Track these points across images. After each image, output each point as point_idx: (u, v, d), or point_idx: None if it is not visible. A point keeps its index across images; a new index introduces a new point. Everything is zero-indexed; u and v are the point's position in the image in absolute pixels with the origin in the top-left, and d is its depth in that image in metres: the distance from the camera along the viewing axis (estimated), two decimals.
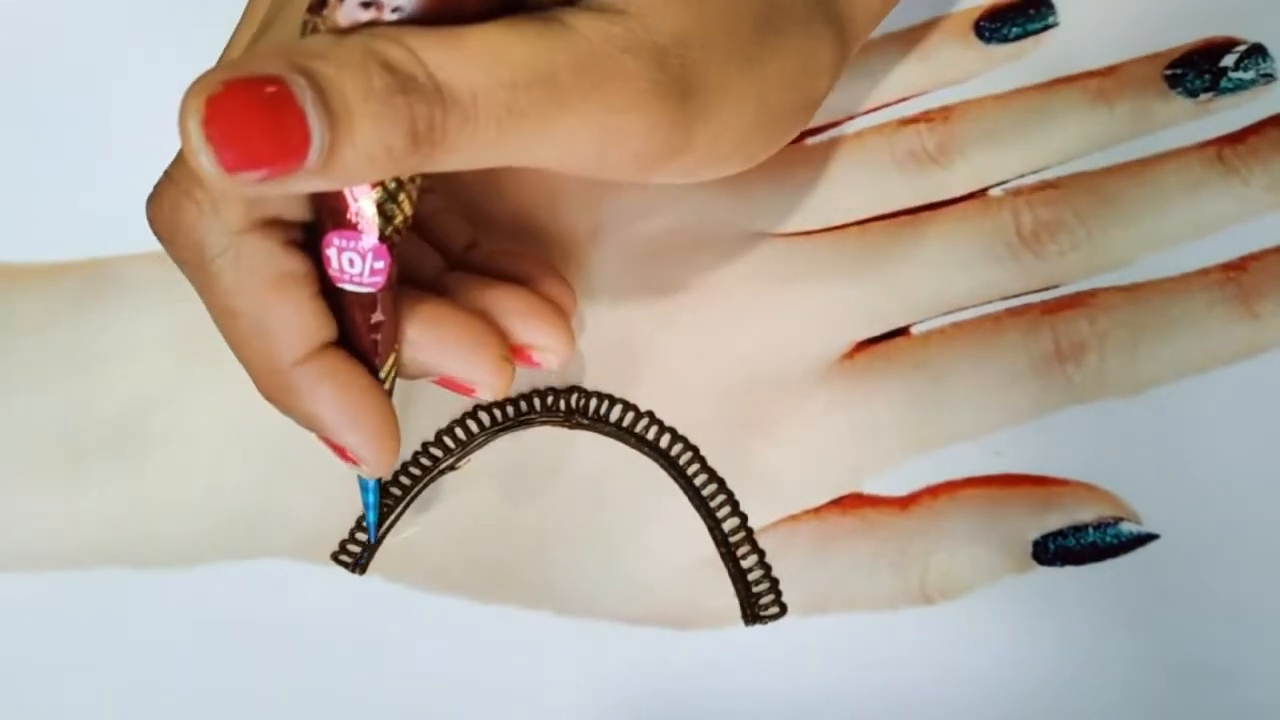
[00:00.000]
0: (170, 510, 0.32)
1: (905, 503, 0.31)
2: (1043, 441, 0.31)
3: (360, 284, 0.25)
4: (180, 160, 0.25)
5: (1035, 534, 0.31)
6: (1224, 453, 0.31)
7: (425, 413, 0.32)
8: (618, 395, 0.32)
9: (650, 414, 0.32)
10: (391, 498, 0.32)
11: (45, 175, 0.35)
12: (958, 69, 0.34)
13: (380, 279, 0.25)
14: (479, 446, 0.32)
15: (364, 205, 0.24)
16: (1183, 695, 0.30)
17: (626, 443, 0.32)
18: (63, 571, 0.32)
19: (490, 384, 0.27)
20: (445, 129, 0.21)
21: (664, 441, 0.32)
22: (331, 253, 0.24)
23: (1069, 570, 0.31)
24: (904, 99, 0.34)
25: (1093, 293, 0.32)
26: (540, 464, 0.32)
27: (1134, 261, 0.32)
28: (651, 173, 0.25)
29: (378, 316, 0.26)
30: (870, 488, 0.32)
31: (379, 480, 0.30)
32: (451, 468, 0.32)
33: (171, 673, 0.31)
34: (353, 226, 0.24)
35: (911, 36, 0.34)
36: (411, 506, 0.32)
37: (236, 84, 0.19)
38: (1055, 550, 0.31)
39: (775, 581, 0.31)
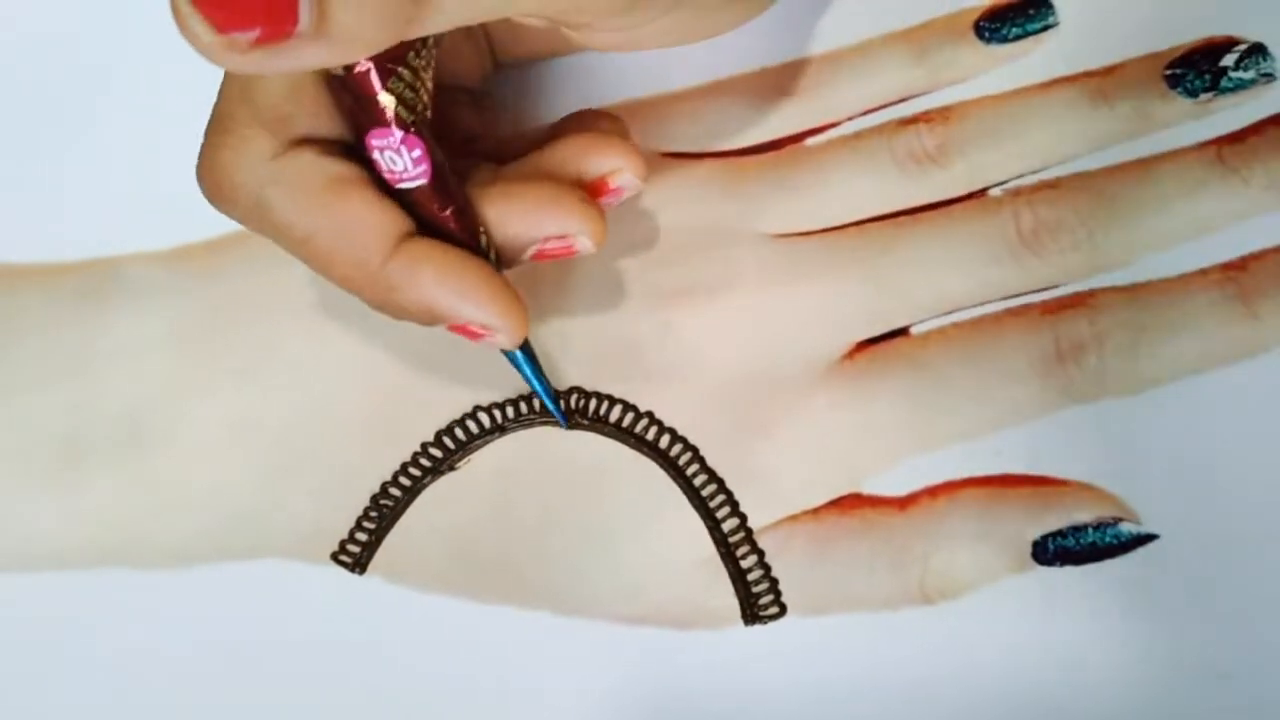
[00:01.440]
0: (170, 510, 0.32)
1: (904, 503, 0.31)
2: (1042, 441, 0.31)
3: (410, 179, 0.25)
4: (210, 121, 0.25)
5: (1035, 534, 0.31)
6: (1224, 453, 0.31)
7: (425, 413, 0.32)
8: (617, 396, 0.32)
9: (650, 414, 0.32)
10: (391, 498, 0.32)
11: (45, 175, 0.35)
12: (957, 69, 0.34)
13: (425, 167, 0.25)
14: (479, 447, 0.32)
15: (384, 98, 0.24)
16: (1183, 695, 0.30)
17: (626, 443, 0.32)
18: (63, 571, 0.32)
19: (583, 228, 0.27)
20: None
21: (664, 442, 0.32)
22: (376, 156, 0.25)
23: (1068, 570, 0.31)
24: (903, 99, 0.34)
25: (1093, 293, 0.32)
26: (540, 465, 0.32)
27: (1134, 262, 0.32)
28: (633, 11, 0.24)
29: (446, 207, 0.26)
30: (870, 488, 0.32)
31: (528, 350, 0.30)
32: (451, 468, 0.32)
33: (171, 673, 0.31)
34: (383, 122, 0.25)
35: (911, 36, 0.34)
36: (412, 507, 0.32)
37: None
38: (1055, 550, 0.31)
39: (775, 581, 0.31)
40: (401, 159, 0.25)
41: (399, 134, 0.25)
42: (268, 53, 0.20)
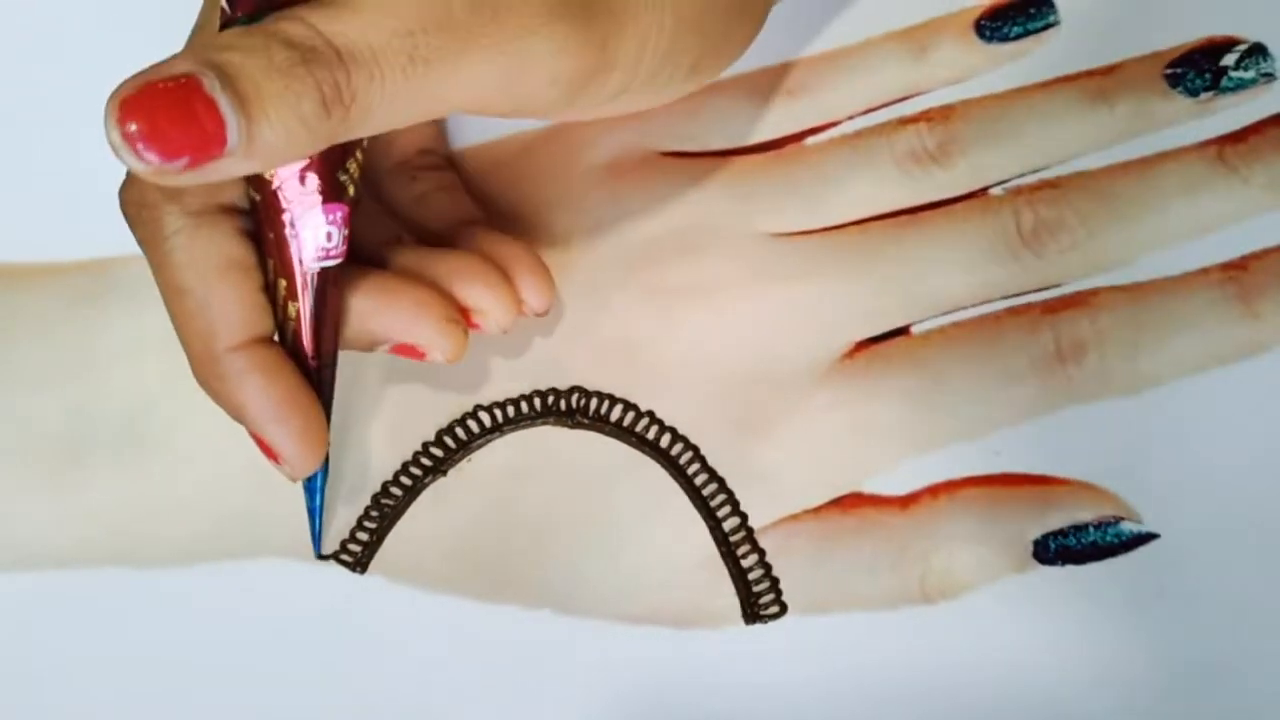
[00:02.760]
0: (170, 510, 0.32)
1: (905, 502, 0.31)
2: (1043, 441, 0.31)
3: (335, 256, 0.27)
4: None
5: (1036, 533, 0.31)
6: (1224, 452, 0.31)
7: (425, 413, 0.32)
8: (618, 395, 0.32)
9: (650, 414, 0.32)
10: (392, 497, 0.32)
11: (45, 175, 0.35)
12: (958, 68, 0.34)
13: (344, 247, 0.27)
14: (479, 446, 0.32)
15: (343, 176, 0.26)
16: (1183, 695, 0.30)
17: (627, 442, 0.32)
18: (63, 571, 0.32)
19: (438, 344, 0.28)
20: (353, 89, 0.22)
21: (664, 441, 0.32)
22: (311, 232, 0.26)
23: (1069, 570, 0.31)
24: (904, 98, 0.34)
25: (1093, 292, 0.32)
26: (541, 464, 0.32)
27: (1134, 261, 0.32)
28: (578, 98, 0.25)
29: (311, 305, 0.27)
30: (870, 487, 0.32)
31: (320, 484, 0.30)
32: (452, 465, 0.32)
33: (171, 672, 0.31)
34: (338, 197, 0.26)
35: (912, 35, 0.34)
36: (412, 506, 0.32)
37: (150, 85, 0.22)
38: (1056, 549, 0.31)
39: (775, 581, 0.31)
40: (338, 233, 0.26)
41: (346, 210, 0.26)
42: (200, 171, 0.22)
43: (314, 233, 0.26)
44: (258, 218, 0.27)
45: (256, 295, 0.27)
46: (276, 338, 0.28)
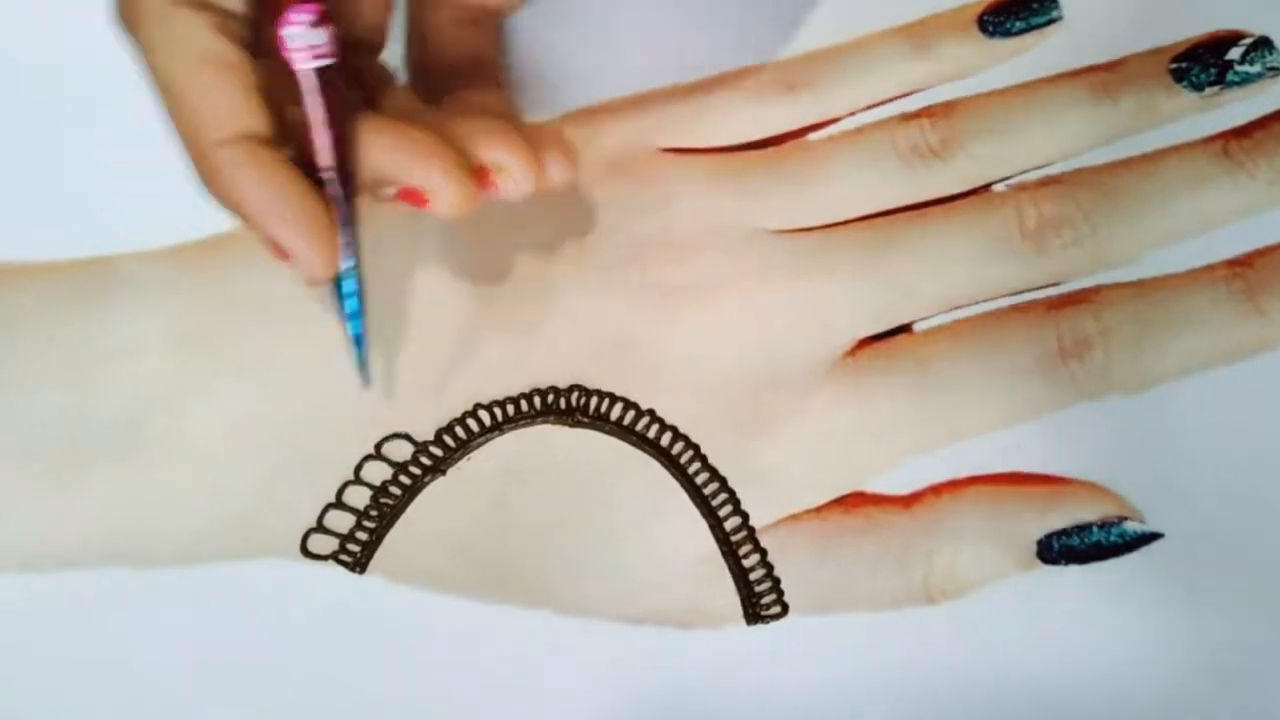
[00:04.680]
0: (170, 510, 0.32)
1: (908, 501, 0.31)
2: (1047, 439, 0.31)
3: (324, 55, 0.26)
4: None
5: (1039, 533, 0.31)
6: (1230, 450, 0.31)
7: (426, 412, 0.32)
8: (619, 393, 0.32)
9: (651, 412, 0.32)
10: (392, 497, 0.32)
11: (45, 175, 0.35)
12: (961, 63, 0.33)
13: (332, 45, 0.26)
14: (479, 445, 0.32)
15: None
16: (1184, 695, 0.29)
17: (628, 441, 0.32)
18: (63, 571, 0.32)
19: (444, 192, 0.27)
20: None
21: (665, 440, 0.32)
22: (294, 30, 0.26)
23: (1073, 569, 0.30)
24: (906, 94, 0.33)
25: (1097, 289, 0.32)
26: (541, 463, 0.32)
27: (1139, 257, 0.32)
28: None
29: (321, 111, 0.27)
30: (873, 486, 0.32)
31: (359, 310, 0.29)
32: (452, 465, 0.32)
33: (172, 673, 0.31)
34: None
35: (914, 30, 0.34)
36: (412, 506, 0.32)
37: None
38: (1059, 549, 0.31)
39: (777, 580, 0.31)
40: (324, 32, 0.26)
41: (322, 9, 0.26)
42: None
43: (304, 30, 0.26)
44: (251, 19, 0.26)
45: (244, 92, 0.26)
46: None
